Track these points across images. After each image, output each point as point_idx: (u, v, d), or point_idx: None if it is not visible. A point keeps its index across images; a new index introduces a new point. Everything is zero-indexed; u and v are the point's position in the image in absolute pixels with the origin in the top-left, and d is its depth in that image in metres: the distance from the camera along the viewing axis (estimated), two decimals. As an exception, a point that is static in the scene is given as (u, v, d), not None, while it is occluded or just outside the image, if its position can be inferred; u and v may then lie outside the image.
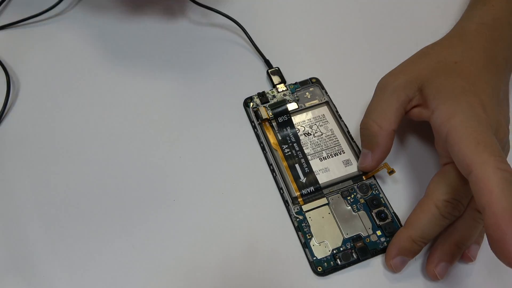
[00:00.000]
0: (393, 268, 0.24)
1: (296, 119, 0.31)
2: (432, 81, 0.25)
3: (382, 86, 0.27)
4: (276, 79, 0.33)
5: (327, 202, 0.27)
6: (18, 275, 0.26)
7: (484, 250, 0.25)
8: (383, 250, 0.25)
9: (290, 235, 0.27)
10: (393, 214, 0.27)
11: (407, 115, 0.27)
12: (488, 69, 0.26)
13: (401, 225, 0.26)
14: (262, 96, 0.32)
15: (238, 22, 0.36)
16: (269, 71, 0.33)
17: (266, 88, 0.33)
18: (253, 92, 0.32)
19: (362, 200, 0.27)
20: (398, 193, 0.28)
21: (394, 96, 0.26)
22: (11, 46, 0.37)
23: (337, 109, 0.31)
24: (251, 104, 0.32)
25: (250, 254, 0.26)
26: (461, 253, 0.24)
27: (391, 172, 0.27)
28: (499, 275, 0.25)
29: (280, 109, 0.30)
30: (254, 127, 0.31)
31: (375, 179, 0.28)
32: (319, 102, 0.31)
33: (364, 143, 0.27)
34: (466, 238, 0.24)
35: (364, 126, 0.27)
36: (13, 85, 0.34)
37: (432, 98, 0.25)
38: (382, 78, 0.28)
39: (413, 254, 0.24)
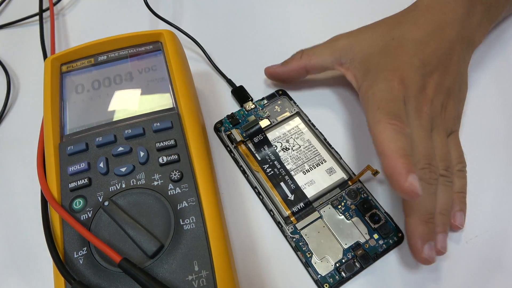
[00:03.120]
0: (429, 259, 0.24)
1: (271, 136, 0.30)
2: (360, 61, 0.28)
3: (332, 39, 0.31)
4: (242, 98, 0.32)
5: (319, 215, 0.27)
6: (18, 275, 0.26)
7: (484, 250, 0.26)
8: (383, 253, 0.25)
9: (289, 256, 0.26)
10: (385, 215, 0.27)
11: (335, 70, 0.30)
12: (427, 44, 0.28)
13: (395, 224, 0.26)
14: (232, 118, 0.31)
15: (196, 41, 0.35)
16: (233, 90, 0.33)
17: (234, 108, 0.32)
18: (221, 115, 0.31)
19: (353, 207, 0.27)
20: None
21: (330, 51, 0.30)
22: (11, 46, 0.37)
23: (309, 118, 0.31)
24: (222, 128, 0.31)
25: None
26: (447, 222, 0.25)
27: (375, 173, 0.27)
28: (500, 274, 0.25)
29: (253, 129, 0.29)
30: (230, 152, 0.30)
31: (361, 182, 0.28)
32: (290, 114, 0.31)
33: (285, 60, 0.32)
34: (444, 203, 0.25)
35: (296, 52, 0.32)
36: (13, 85, 0.35)
37: (359, 74, 0.28)
38: (338, 35, 0.31)
39: (433, 234, 0.24)
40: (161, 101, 0.26)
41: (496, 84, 0.33)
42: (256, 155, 0.29)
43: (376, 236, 0.26)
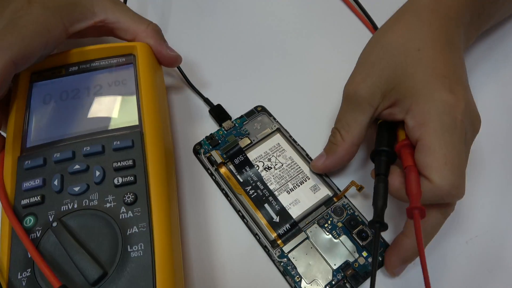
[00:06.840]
0: (396, 274, 0.25)
1: (252, 155, 0.29)
2: (400, 80, 0.23)
3: (347, 96, 0.26)
4: (220, 117, 0.31)
5: (306, 236, 0.26)
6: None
7: (484, 250, 0.26)
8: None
9: (277, 281, 0.25)
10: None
11: (380, 116, 0.25)
12: (452, 53, 0.24)
13: (383, 239, 0.26)
14: (211, 139, 0.30)
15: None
16: (211, 110, 0.32)
17: (213, 129, 0.31)
18: (200, 136, 0.30)
19: (339, 224, 0.26)
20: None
21: (359, 109, 0.25)
22: None
23: (290, 134, 0.30)
24: (202, 150, 0.30)
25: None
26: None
27: (360, 188, 0.26)
28: (500, 274, 0.25)
29: (233, 150, 0.29)
30: (211, 175, 0.29)
31: (346, 198, 0.27)
32: (270, 131, 0.30)
33: (326, 146, 0.27)
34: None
35: (331, 132, 0.27)
36: None
37: (403, 98, 0.23)
38: (345, 86, 0.26)
39: (413, 259, 0.24)
40: (126, 118, 0.25)
41: (497, 85, 0.33)
42: (238, 176, 0.28)
43: (365, 253, 0.25)
